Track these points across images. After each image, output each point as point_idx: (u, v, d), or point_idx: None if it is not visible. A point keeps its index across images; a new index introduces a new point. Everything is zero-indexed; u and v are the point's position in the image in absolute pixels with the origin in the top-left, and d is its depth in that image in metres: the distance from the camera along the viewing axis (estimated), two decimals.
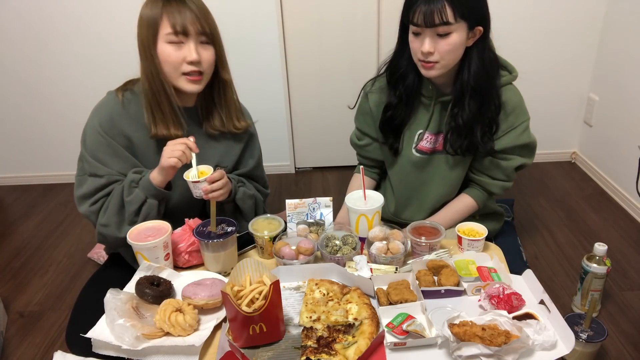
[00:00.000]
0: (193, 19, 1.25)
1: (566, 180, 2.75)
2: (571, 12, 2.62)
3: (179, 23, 1.24)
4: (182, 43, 1.27)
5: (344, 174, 2.93)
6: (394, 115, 1.46)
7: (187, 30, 1.25)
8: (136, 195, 1.30)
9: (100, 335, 1.03)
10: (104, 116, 1.34)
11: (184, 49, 1.27)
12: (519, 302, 1.08)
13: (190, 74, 1.29)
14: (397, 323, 1.03)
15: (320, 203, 1.38)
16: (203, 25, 1.26)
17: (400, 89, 1.43)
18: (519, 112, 1.42)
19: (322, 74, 2.78)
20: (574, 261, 2.06)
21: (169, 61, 1.28)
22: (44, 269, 2.19)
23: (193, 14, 1.25)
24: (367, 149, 1.61)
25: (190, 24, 1.25)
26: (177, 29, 1.24)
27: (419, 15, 1.24)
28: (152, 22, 1.26)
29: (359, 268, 1.20)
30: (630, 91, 2.41)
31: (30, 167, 2.99)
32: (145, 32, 1.27)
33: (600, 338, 1.42)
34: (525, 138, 1.43)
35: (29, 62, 2.70)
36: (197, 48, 1.28)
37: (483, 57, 1.34)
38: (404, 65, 1.41)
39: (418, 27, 1.27)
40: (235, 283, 1.06)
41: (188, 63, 1.28)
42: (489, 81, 1.36)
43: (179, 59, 1.27)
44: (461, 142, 1.41)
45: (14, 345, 1.76)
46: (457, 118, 1.38)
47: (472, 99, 1.36)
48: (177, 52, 1.27)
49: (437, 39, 1.27)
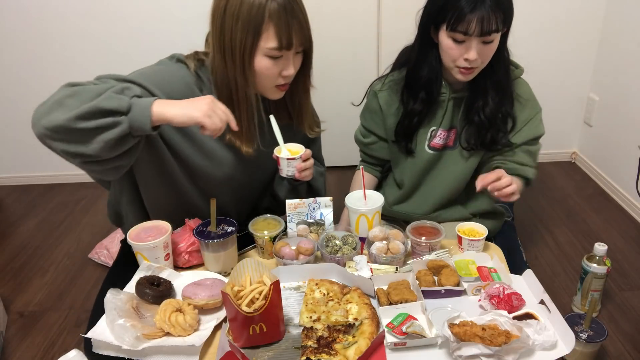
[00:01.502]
0: (299, 31, 1.10)
1: (566, 180, 2.75)
2: (571, 12, 2.61)
3: (286, 38, 1.08)
4: (280, 57, 1.13)
5: (344, 174, 2.93)
6: (419, 121, 1.47)
7: (292, 44, 1.11)
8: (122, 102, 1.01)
9: (101, 335, 1.03)
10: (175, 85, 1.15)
11: (281, 62, 1.14)
12: (519, 302, 1.08)
13: (281, 85, 1.20)
14: (397, 323, 1.03)
15: (320, 203, 1.38)
16: (306, 37, 1.13)
17: (423, 96, 1.44)
18: (533, 103, 1.47)
19: (322, 73, 2.76)
20: (574, 261, 2.06)
21: (266, 74, 1.14)
22: (44, 269, 2.19)
23: (300, 25, 1.10)
24: (372, 147, 1.61)
25: (296, 37, 1.10)
26: (283, 45, 1.09)
27: (475, 24, 1.22)
28: (253, 26, 1.07)
29: (359, 268, 1.20)
30: (630, 91, 2.41)
31: (30, 167, 2.99)
32: (243, 37, 1.08)
33: (600, 338, 1.43)
34: (542, 128, 1.48)
35: (29, 61, 2.70)
36: (294, 60, 1.16)
37: (504, 52, 1.38)
38: (426, 73, 1.40)
39: (466, 35, 1.25)
40: (235, 283, 1.06)
41: (283, 77, 1.17)
42: (508, 75, 1.40)
43: (276, 72, 1.15)
44: (482, 136, 1.43)
45: (14, 345, 1.76)
46: (480, 112, 1.40)
47: (494, 92, 1.39)
48: (275, 67, 1.14)
49: (481, 45, 1.27)
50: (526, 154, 1.47)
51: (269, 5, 1.06)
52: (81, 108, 0.98)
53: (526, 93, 1.46)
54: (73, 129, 0.98)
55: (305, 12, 1.14)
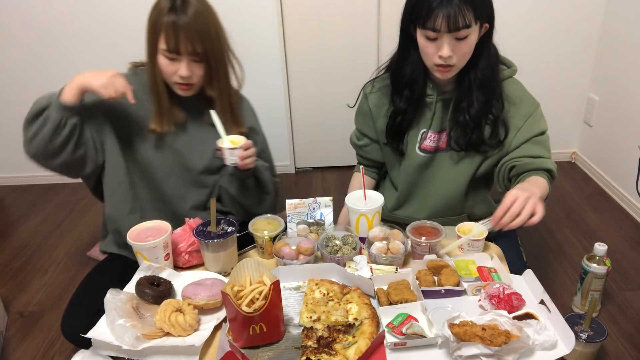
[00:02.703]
0: (186, 40, 1.29)
1: (566, 180, 2.75)
2: (571, 12, 2.62)
3: (173, 43, 1.29)
4: (175, 59, 1.33)
5: (344, 174, 2.93)
6: (404, 120, 1.47)
7: (180, 50, 1.30)
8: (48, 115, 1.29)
9: (101, 335, 1.03)
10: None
11: (176, 64, 1.33)
12: (519, 302, 1.08)
13: (181, 83, 1.37)
14: (398, 323, 1.03)
15: (320, 203, 1.38)
16: (195, 47, 1.31)
17: (407, 94, 1.43)
18: (528, 100, 1.42)
19: (322, 74, 2.78)
20: (574, 261, 2.06)
21: (164, 71, 1.35)
22: (44, 269, 2.19)
23: (187, 35, 1.29)
24: (365, 149, 1.61)
25: (183, 44, 1.30)
26: (170, 48, 1.30)
27: (441, 20, 1.22)
28: (153, 31, 1.32)
29: (359, 268, 1.20)
30: (630, 91, 2.41)
31: (30, 167, 2.96)
32: (150, 37, 1.34)
33: (600, 338, 1.43)
34: (542, 125, 1.42)
35: (29, 61, 2.70)
36: (190, 65, 1.34)
37: (489, 51, 1.35)
38: (409, 71, 1.40)
39: (436, 32, 1.25)
40: (235, 283, 1.06)
41: (179, 76, 1.34)
42: (494, 74, 1.37)
43: (172, 71, 1.34)
44: (468, 137, 1.41)
45: (14, 345, 1.76)
46: (464, 113, 1.39)
47: (479, 92, 1.36)
48: (171, 66, 1.34)
49: (454, 43, 1.26)
50: (536, 146, 1.40)
51: (166, 13, 1.29)
52: (24, 121, 1.34)
53: (517, 92, 1.42)
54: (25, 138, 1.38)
55: (202, 22, 1.32)
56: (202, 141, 1.49)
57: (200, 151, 1.50)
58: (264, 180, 1.53)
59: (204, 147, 1.50)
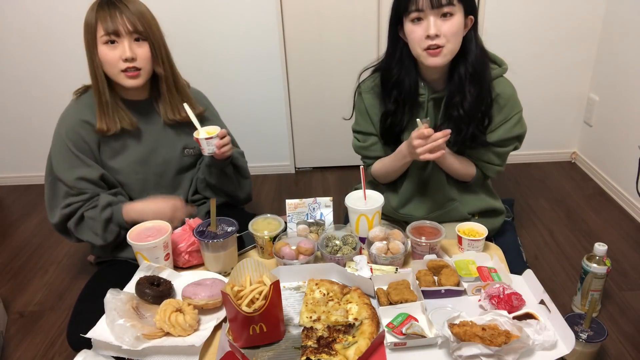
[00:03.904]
0: (123, 20, 1.35)
1: (566, 180, 2.75)
2: (571, 12, 2.61)
3: (111, 26, 1.34)
4: (117, 43, 1.37)
5: (344, 174, 2.93)
6: (394, 122, 1.47)
7: (119, 31, 1.35)
8: (112, 230, 1.44)
9: (101, 336, 1.03)
10: (69, 126, 1.46)
11: (119, 48, 1.37)
12: (519, 302, 1.08)
13: (127, 70, 1.38)
14: (398, 323, 1.03)
15: (320, 203, 1.38)
16: (134, 24, 1.35)
17: (396, 95, 1.44)
18: (512, 104, 1.44)
19: (322, 73, 2.78)
20: (574, 261, 2.06)
21: (107, 60, 1.38)
22: (44, 269, 2.19)
23: (124, 15, 1.35)
24: (373, 148, 1.61)
25: (121, 25, 1.35)
26: (109, 30, 1.35)
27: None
28: (90, 27, 1.37)
29: (359, 268, 1.20)
30: (630, 91, 2.41)
31: (30, 167, 2.99)
32: (87, 36, 1.38)
33: (600, 338, 1.42)
34: (518, 129, 1.46)
35: (28, 62, 2.70)
36: (131, 46, 1.37)
37: (476, 45, 1.37)
38: (397, 71, 1.42)
39: (420, 12, 1.27)
40: (235, 283, 1.06)
41: (123, 60, 1.37)
42: (484, 67, 1.38)
43: (115, 57, 1.37)
44: (462, 132, 1.41)
45: (14, 345, 1.76)
46: (458, 107, 1.39)
47: (471, 86, 1.37)
48: (113, 52, 1.37)
49: (440, 21, 1.28)
50: (494, 155, 1.48)
51: (98, 7, 1.36)
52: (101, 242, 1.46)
53: (506, 93, 1.43)
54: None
55: (137, 5, 1.39)
56: (165, 144, 1.55)
57: (165, 154, 1.55)
58: (241, 166, 1.62)
59: (167, 150, 1.56)
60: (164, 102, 1.51)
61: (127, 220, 1.42)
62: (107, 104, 1.43)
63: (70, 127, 1.44)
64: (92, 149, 1.46)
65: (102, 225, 1.42)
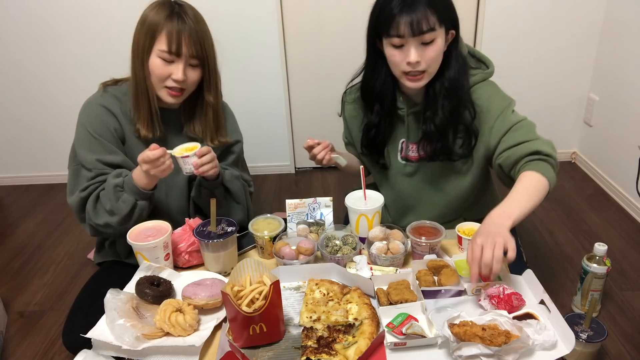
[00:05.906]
0: (189, 42, 1.29)
1: (566, 180, 2.75)
2: (571, 13, 2.62)
3: (175, 43, 1.28)
4: (171, 62, 1.31)
5: (344, 174, 2.93)
6: (377, 134, 1.46)
7: (181, 52, 1.29)
8: (125, 199, 1.31)
9: (100, 336, 1.03)
10: (90, 112, 1.38)
11: (172, 66, 1.31)
12: (519, 302, 1.08)
13: (172, 88, 1.34)
14: (398, 323, 1.03)
15: (320, 203, 1.38)
16: (197, 50, 1.30)
17: (377, 108, 1.43)
18: (497, 100, 1.35)
19: (322, 74, 2.78)
20: (574, 261, 2.06)
21: (157, 73, 1.32)
22: (44, 269, 2.19)
23: (190, 37, 1.28)
24: (348, 147, 1.66)
25: (185, 46, 1.29)
26: (171, 49, 1.28)
27: (403, 26, 1.20)
28: (151, 30, 1.29)
29: (359, 268, 1.20)
30: (630, 91, 2.41)
31: (30, 167, 2.99)
32: (143, 38, 1.30)
33: (600, 338, 1.43)
34: (514, 118, 1.33)
35: (28, 62, 2.70)
36: (185, 69, 1.32)
37: (456, 60, 1.32)
38: (379, 85, 1.39)
39: (401, 38, 1.23)
40: (235, 283, 1.06)
41: (173, 80, 1.32)
42: (461, 83, 1.33)
43: (165, 74, 1.32)
44: (434, 147, 1.38)
45: (14, 345, 1.76)
46: (429, 122, 1.36)
47: (445, 101, 1.33)
48: (165, 68, 1.31)
49: (421, 48, 1.24)
50: (515, 133, 1.30)
51: (166, 15, 1.28)
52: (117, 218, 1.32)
53: (486, 95, 1.35)
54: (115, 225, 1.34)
55: (203, 26, 1.33)
56: None
57: None
58: (233, 190, 1.50)
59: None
60: (200, 123, 1.46)
61: (137, 182, 1.30)
62: (154, 106, 1.37)
63: (93, 112, 1.38)
64: (115, 136, 1.39)
65: (113, 192, 1.30)
